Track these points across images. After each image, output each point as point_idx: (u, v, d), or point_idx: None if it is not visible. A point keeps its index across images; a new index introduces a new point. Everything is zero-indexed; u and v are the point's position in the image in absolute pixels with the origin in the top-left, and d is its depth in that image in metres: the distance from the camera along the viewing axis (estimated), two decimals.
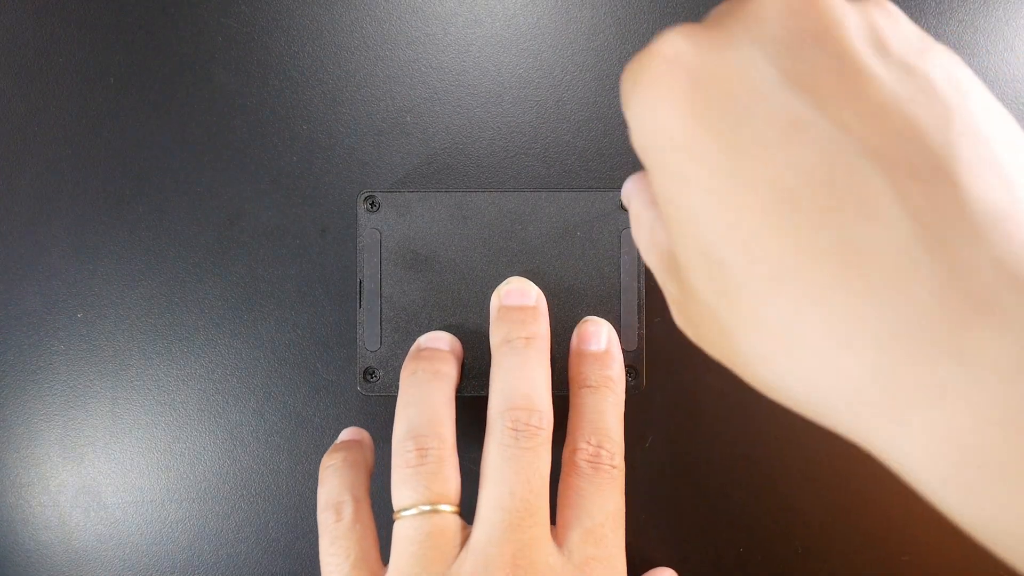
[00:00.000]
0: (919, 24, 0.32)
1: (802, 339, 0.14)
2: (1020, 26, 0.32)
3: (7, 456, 0.31)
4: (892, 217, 0.13)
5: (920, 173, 0.13)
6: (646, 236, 0.19)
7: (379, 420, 0.31)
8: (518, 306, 0.26)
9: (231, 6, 0.32)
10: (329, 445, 0.27)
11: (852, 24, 0.15)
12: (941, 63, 0.14)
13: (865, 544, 0.31)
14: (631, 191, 0.20)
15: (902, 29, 0.15)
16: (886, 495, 0.30)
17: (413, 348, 0.27)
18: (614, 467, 0.24)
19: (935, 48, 0.15)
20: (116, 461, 0.31)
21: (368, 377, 0.28)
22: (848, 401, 0.14)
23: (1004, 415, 0.12)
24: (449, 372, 0.26)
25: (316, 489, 0.25)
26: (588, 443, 0.24)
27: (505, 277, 0.27)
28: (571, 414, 0.25)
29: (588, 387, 0.25)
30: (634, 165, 0.21)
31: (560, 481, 0.24)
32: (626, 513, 0.24)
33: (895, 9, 0.16)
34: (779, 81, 0.14)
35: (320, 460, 0.26)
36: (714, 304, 0.16)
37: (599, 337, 0.26)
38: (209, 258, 0.31)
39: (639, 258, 0.28)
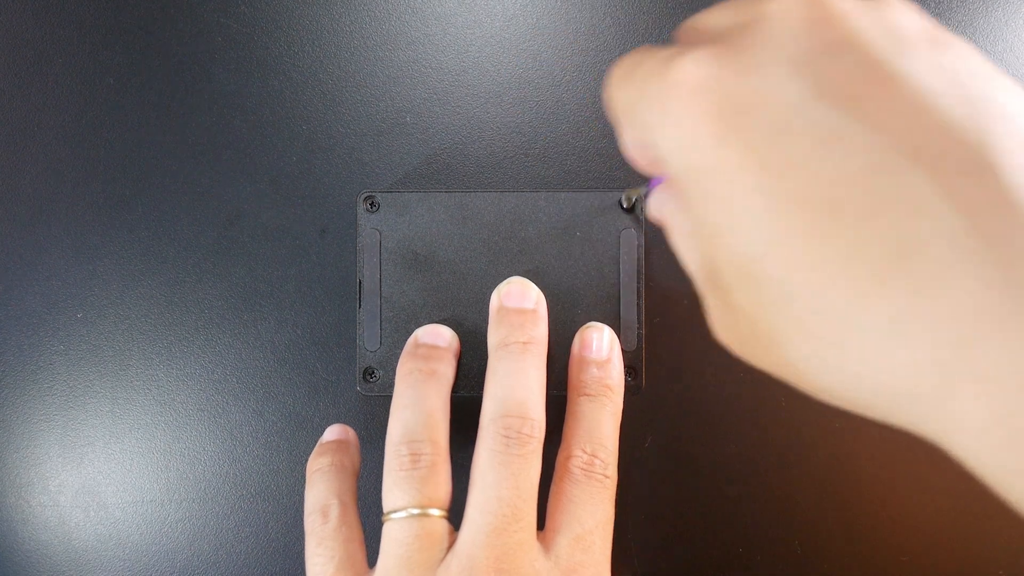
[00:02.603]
0: None
1: (855, 340, 0.14)
2: (1020, 26, 0.32)
3: (7, 456, 0.31)
4: (938, 211, 0.13)
5: (961, 166, 0.13)
6: (684, 251, 0.19)
7: (378, 420, 0.31)
8: (517, 308, 0.26)
9: (231, 6, 0.32)
10: None
11: (870, 28, 0.15)
12: (960, 54, 0.15)
13: (865, 544, 0.30)
14: (664, 206, 0.20)
15: (917, 25, 0.15)
16: (886, 496, 0.30)
17: (411, 341, 0.27)
18: (607, 477, 0.24)
19: (952, 40, 0.15)
20: (116, 461, 0.31)
21: (368, 377, 0.28)
22: (904, 392, 0.14)
23: None
24: (446, 372, 0.26)
25: None
26: (583, 451, 0.24)
27: (505, 277, 0.27)
28: (568, 420, 0.25)
29: (587, 395, 0.25)
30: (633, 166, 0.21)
31: (552, 486, 0.24)
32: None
33: (906, 5, 0.16)
34: (809, 97, 0.14)
35: None
36: (759, 316, 0.16)
37: (601, 345, 0.26)
38: (209, 258, 0.31)
39: (639, 258, 0.28)
